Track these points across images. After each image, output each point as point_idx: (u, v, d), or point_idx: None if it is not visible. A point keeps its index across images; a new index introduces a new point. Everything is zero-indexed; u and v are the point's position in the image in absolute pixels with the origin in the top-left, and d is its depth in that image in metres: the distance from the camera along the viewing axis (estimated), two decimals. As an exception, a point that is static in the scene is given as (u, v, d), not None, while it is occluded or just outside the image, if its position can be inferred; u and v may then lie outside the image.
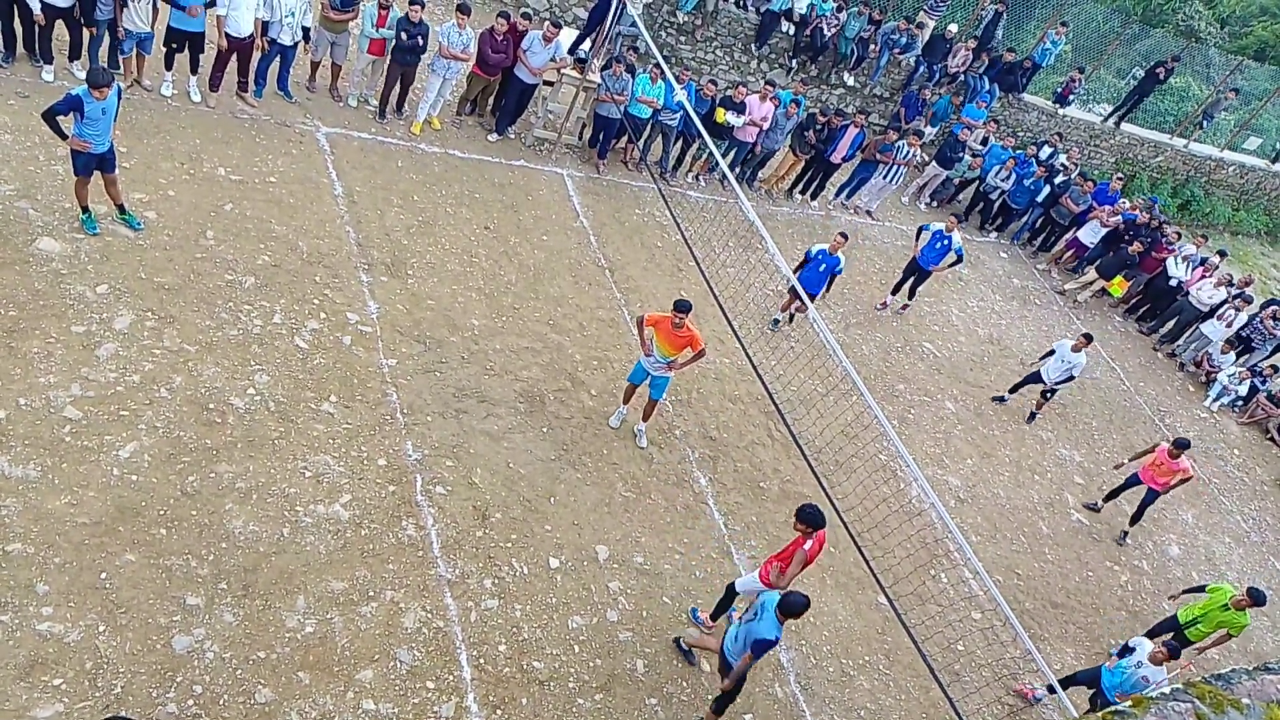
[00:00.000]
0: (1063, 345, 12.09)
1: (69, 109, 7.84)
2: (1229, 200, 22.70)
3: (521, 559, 7.90)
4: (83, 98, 7.83)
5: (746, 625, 6.66)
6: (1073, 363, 11.95)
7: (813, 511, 7.14)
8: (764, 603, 6.59)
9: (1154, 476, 11.22)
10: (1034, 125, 19.38)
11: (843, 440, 9.70)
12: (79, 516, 6.60)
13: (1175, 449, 11.01)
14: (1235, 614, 9.17)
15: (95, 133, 8.02)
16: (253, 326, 8.54)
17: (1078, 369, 12.06)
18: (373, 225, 10.26)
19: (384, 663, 6.75)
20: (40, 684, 5.77)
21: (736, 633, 6.81)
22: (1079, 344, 11.94)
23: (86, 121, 7.93)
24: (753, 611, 6.68)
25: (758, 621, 6.47)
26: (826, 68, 17.26)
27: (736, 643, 6.75)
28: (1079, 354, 11.92)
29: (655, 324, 8.65)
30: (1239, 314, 15.62)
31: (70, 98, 7.84)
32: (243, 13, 10.10)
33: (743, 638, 6.62)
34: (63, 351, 7.50)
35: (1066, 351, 11.97)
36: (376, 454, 8.06)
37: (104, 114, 8.00)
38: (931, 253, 12.97)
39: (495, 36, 11.52)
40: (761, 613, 6.52)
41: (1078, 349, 11.91)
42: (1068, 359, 11.96)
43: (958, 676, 8.87)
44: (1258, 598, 9.09)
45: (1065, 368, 12.02)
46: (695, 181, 14.22)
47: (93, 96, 7.84)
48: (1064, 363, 11.99)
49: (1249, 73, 22.66)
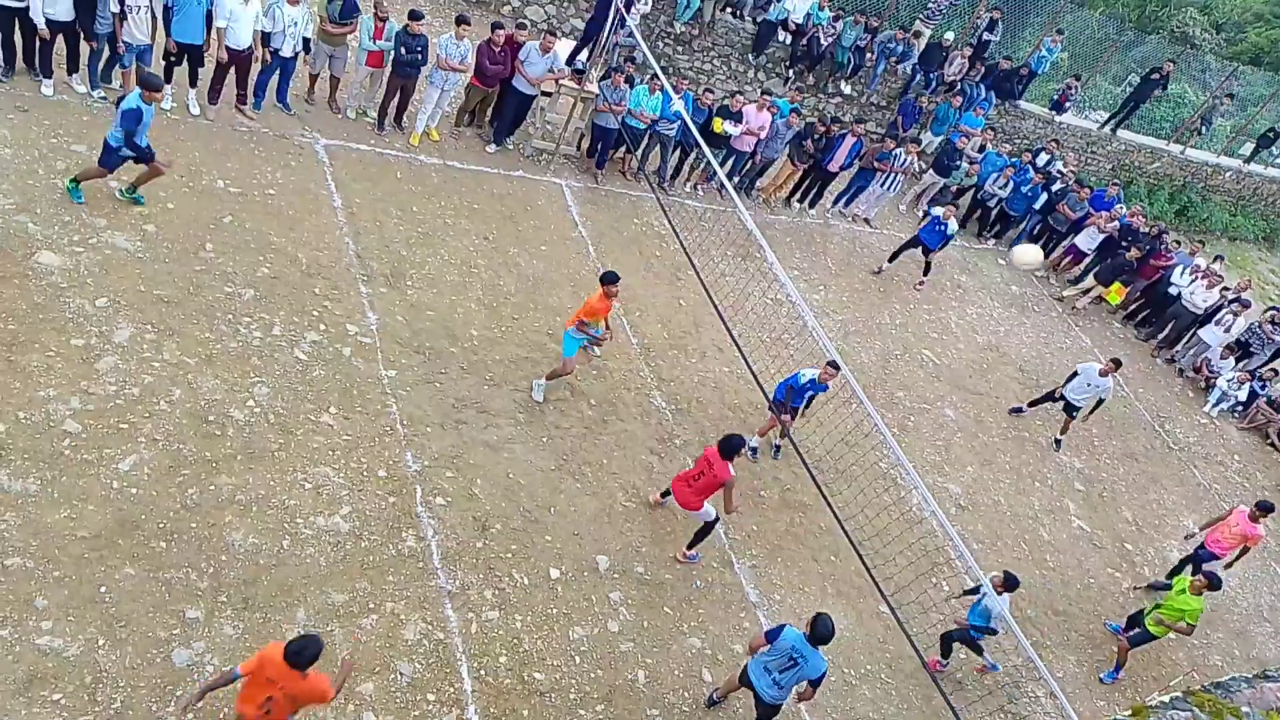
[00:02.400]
0: (1089, 369, 11.88)
1: (134, 123, 8.26)
2: (1226, 206, 22.74)
3: (522, 570, 7.89)
4: (140, 106, 8.22)
5: (790, 672, 6.76)
6: (1101, 386, 11.78)
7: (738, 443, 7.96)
8: (793, 646, 6.69)
9: (1218, 540, 10.84)
10: (1031, 132, 19.43)
11: (843, 448, 9.70)
12: (78, 530, 6.59)
13: (1259, 511, 10.58)
14: (1189, 598, 8.99)
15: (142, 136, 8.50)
16: (252, 339, 8.54)
17: (1106, 393, 11.91)
18: (372, 237, 10.27)
19: (385, 675, 6.73)
20: (40, 699, 5.75)
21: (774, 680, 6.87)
22: (1107, 369, 11.75)
23: (143, 127, 8.36)
24: (785, 657, 6.74)
25: (806, 665, 6.67)
26: (823, 77, 17.32)
27: (780, 689, 6.90)
28: (1106, 379, 11.74)
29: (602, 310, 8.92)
30: (1237, 319, 15.63)
31: (130, 112, 8.22)
32: (243, 25, 10.13)
33: (789, 684, 6.82)
34: (62, 365, 7.50)
35: (1094, 376, 11.78)
36: (376, 465, 8.05)
37: (150, 117, 8.47)
38: (930, 234, 13.78)
39: (493, 47, 11.55)
40: (802, 657, 6.68)
41: (1105, 374, 11.72)
42: (1094, 382, 11.78)
43: (960, 685, 8.86)
44: (1213, 581, 8.98)
45: (1093, 391, 11.85)
46: (693, 191, 14.24)
47: (144, 101, 8.25)
48: (1090, 386, 11.82)
49: (1245, 78, 22.74)
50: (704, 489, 8.13)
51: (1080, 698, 9.39)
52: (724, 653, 8.13)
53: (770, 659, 6.83)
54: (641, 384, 10.37)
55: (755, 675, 6.95)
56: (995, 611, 8.18)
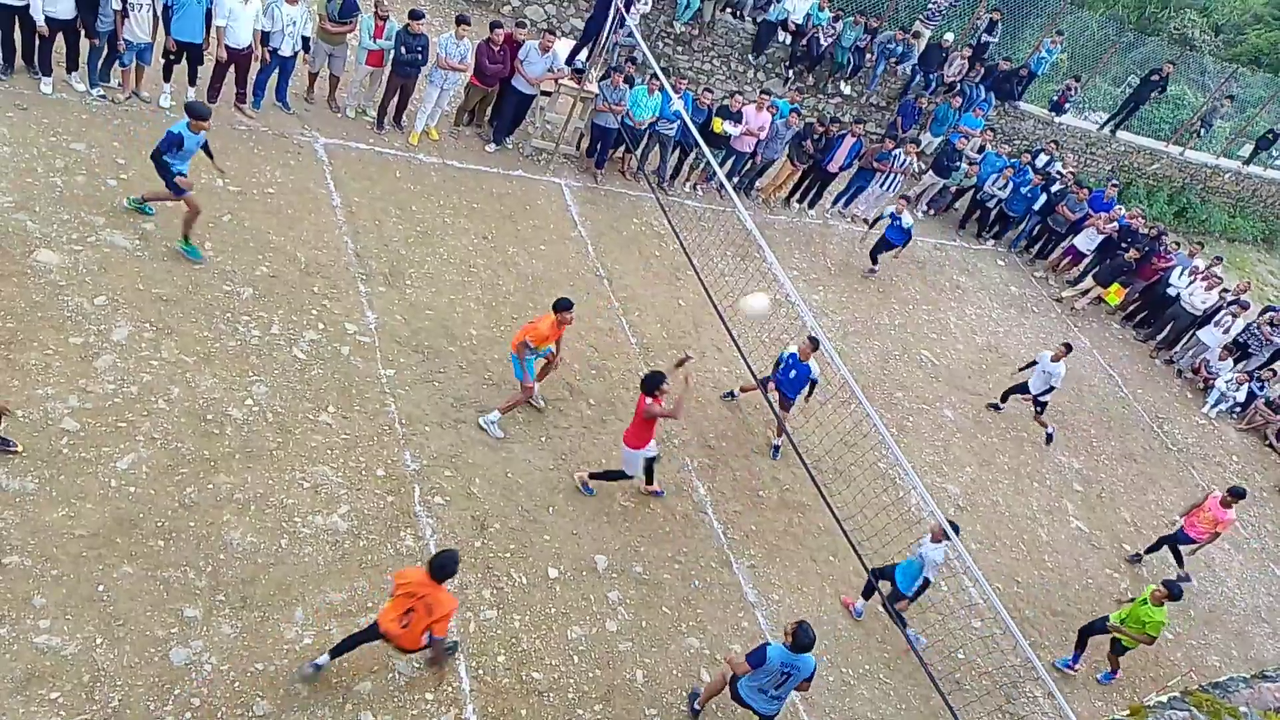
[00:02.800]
0: (1043, 356, 12.00)
1: (171, 146, 8.23)
2: (1225, 207, 22.76)
3: (520, 569, 7.89)
4: (183, 133, 8.23)
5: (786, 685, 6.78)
6: (1052, 372, 11.83)
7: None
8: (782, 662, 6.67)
9: (1194, 524, 10.97)
10: (1030, 133, 19.44)
11: (842, 449, 9.70)
12: (76, 528, 6.59)
13: (1231, 497, 10.77)
14: (1151, 609, 8.84)
15: (186, 164, 8.48)
16: (251, 337, 8.54)
17: (1058, 379, 11.92)
18: (371, 236, 10.27)
19: (383, 674, 6.72)
20: (38, 697, 5.74)
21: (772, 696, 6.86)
22: (1058, 354, 11.82)
23: (184, 154, 8.36)
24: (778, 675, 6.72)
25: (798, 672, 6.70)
26: (823, 77, 17.32)
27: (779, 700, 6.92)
28: (1058, 364, 11.79)
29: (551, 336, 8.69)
30: (1236, 320, 15.64)
31: (171, 135, 8.22)
32: (242, 24, 10.13)
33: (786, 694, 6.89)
34: (61, 363, 7.50)
35: (1046, 362, 11.87)
36: (375, 464, 8.05)
37: (196, 146, 8.47)
38: (894, 233, 13.73)
39: (492, 47, 11.56)
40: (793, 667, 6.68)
41: (1057, 359, 11.79)
42: (1047, 369, 11.86)
43: (958, 685, 8.85)
44: (1173, 591, 8.81)
45: (1046, 378, 11.91)
46: (693, 191, 14.25)
47: (191, 130, 8.27)
48: (1045, 373, 11.89)
49: (1244, 80, 22.76)
50: (639, 428, 8.26)
51: (1078, 698, 9.39)
52: (722, 652, 8.12)
53: (762, 681, 6.76)
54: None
55: (750, 698, 6.88)
56: (930, 560, 8.35)
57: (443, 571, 5.94)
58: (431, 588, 5.95)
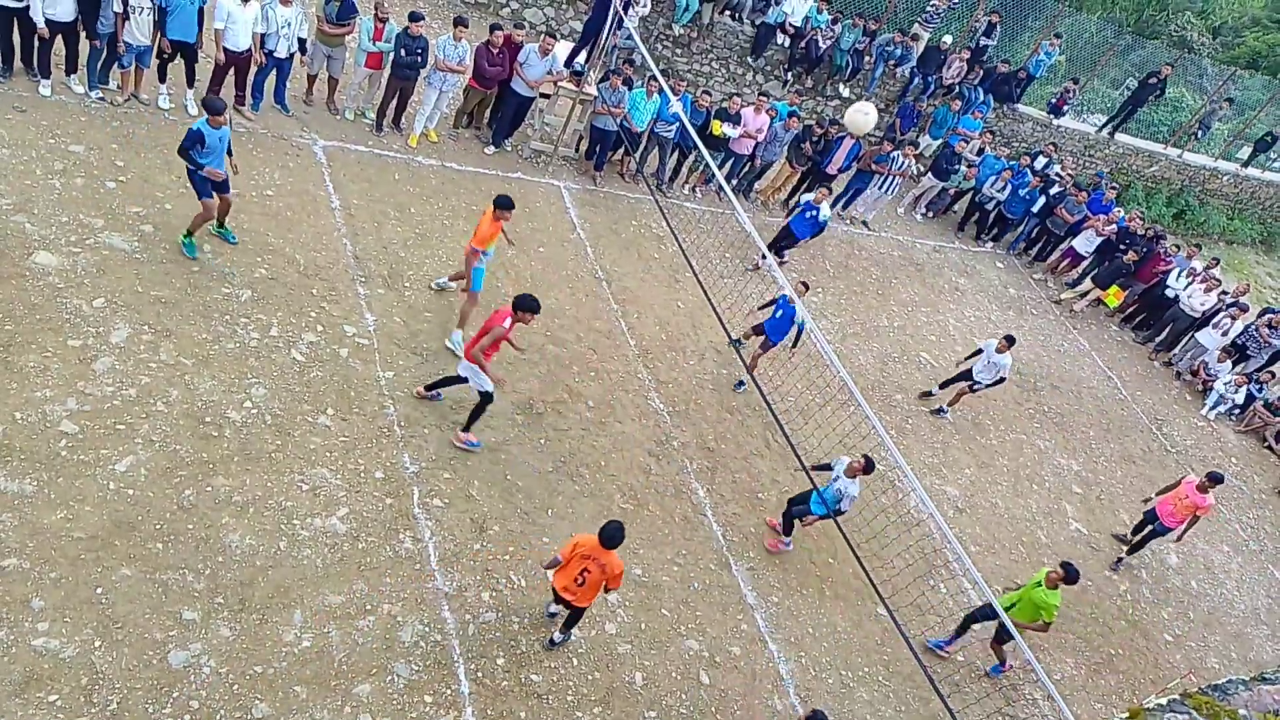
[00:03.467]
0: (989, 345, 11.79)
1: (193, 142, 8.25)
2: (1223, 210, 22.79)
3: (519, 571, 7.88)
4: (203, 129, 8.24)
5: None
6: (998, 364, 11.63)
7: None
8: None
9: (1171, 512, 10.93)
10: (1029, 136, 19.46)
11: (841, 450, 9.69)
12: (75, 531, 6.58)
13: (1208, 482, 10.76)
14: (1045, 592, 8.40)
15: (215, 160, 8.46)
16: (249, 340, 8.53)
17: (1005, 370, 11.70)
18: (370, 238, 10.27)
19: (381, 676, 6.72)
20: (36, 700, 5.73)
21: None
22: (1002, 346, 11.56)
23: (207, 151, 8.35)
24: None
25: None
26: (822, 79, 17.33)
27: None
28: (1003, 355, 11.57)
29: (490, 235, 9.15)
30: (1234, 322, 15.66)
31: (192, 132, 8.25)
32: (241, 27, 10.14)
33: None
34: (59, 365, 7.49)
35: (992, 352, 11.67)
36: (374, 466, 8.04)
37: (220, 141, 8.45)
38: (801, 222, 12.79)
39: (491, 49, 11.56)
40: None
41: (1001, 350, 11.56)
42: (993, 359, 11.67)
43: (958, 688, 8.85)
44: (1069, 573, 8.38)
45: (994, 370, 11.72)
46: (692, 193, 14.25)
47: (210, 125, 8.28)
48: (991, 364, 11.71)
49: (1242, 83, 22.79)
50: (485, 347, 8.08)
51: (1077, 700, 9.39)
52: (721, 655, 8.12)
53: None
54: (639, 386, 10.36)
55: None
56: (848, 494, 8.69)
57: (612, 541, 6.75)
58: (603, 554, 6.82)
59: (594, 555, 6.82)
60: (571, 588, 6.95)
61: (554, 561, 7.10)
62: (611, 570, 6.85)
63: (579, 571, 6.88)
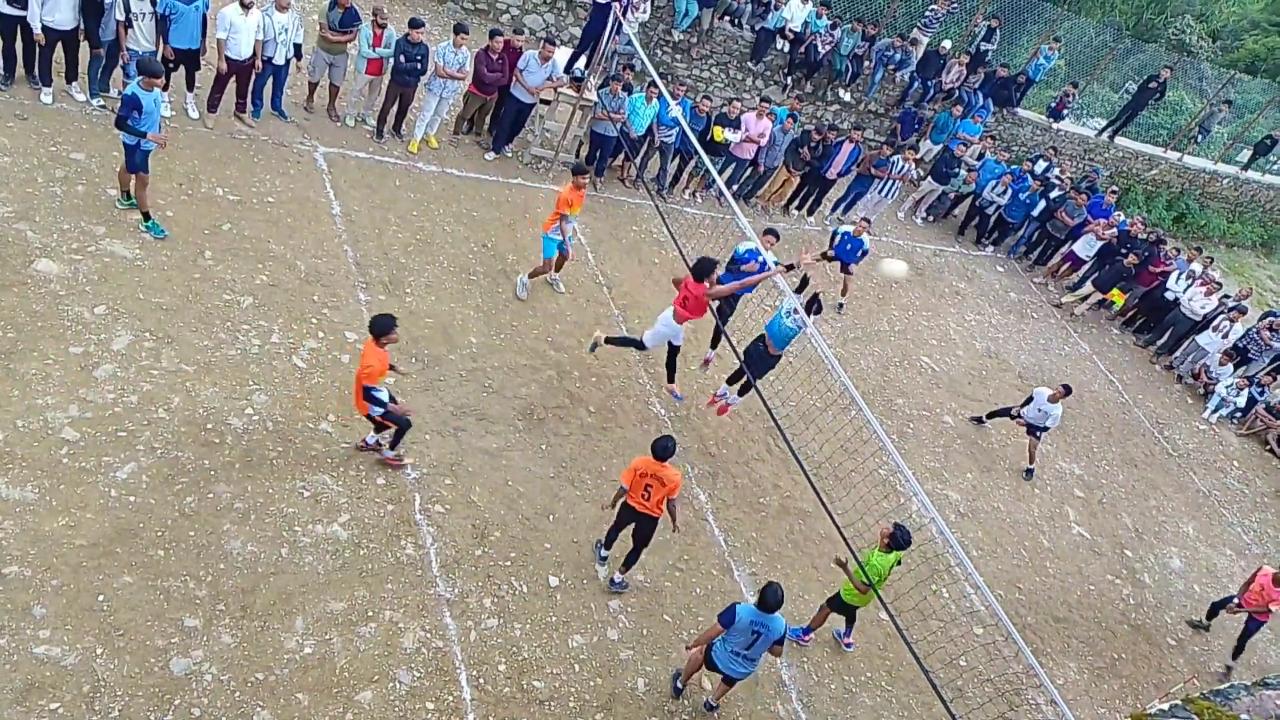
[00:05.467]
0: (1040, 394, 11.71)
1: (130, 109, 8.21)
2: (1223, 213, 22.80)
3: (521, 577, 7.87)
4: (138, 93, 8.19)
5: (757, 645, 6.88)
6: (1049, 412, 11.60)
7: None
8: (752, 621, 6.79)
9: (1258, 603, 10.45)
10: (1028, 139, 19.48)
11: (842, 455, 9.69)
12: (76, 538, 6.58)
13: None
14: (877, 554, 7.82)
15: (151, 124, 8.42)
16: (251, 346, 8.54)
17: (1055, 421, 11.68)
18: (370, 244, 10.28)
19: (383, 684, 6.71)
20: (37, 708, 5.73)
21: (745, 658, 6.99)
22: (1056, 395, 11.51)
23: (144, 116, 8.30)
24: (748, 634, 6.84)
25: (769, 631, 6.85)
26: (822, 84, 17.36)
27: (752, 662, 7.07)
28: (1055, 405, 11.52)
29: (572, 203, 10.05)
30: (1235, 325, 15.66)
31: (126, 97, 8.21)
32: (244, 36, 10.16)
33: (758, 655, 7.01)
34: (60, 373, 7.50)
35: (1044, 401, 11.62)
36: (375, 473, 8.04)
37: (156, 105, 8.42)
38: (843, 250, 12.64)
39: (490, 55, 11.58)
40: (764, 625, 6.81)
41: (1055, 400, 11.51)
42: (1044, 408, 11.62)
43: (960, 692, 8.82)
44: (899, 536, 7.78)
45: (1045, 418, 11.69)
46: (692, 198, 14.27)
47: (144, 88, 8.22)
48: (1041, 412, 11.68)
49: (1241, 86, 22.81)
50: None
51: (1081, 705, 9.37)
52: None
53: (734, 642, 6.94)
54: (641, 391, 10.36)
55: (725, 662, 7.07)
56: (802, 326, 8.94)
57: (665, 452, 7.40)
58: (659, 467, 7.45)
59: (653, 471, 7.47)
60: (641, 503, 7.63)
61: (620, 491, 7.73)
62: (671, 480, 7.48)
63: (643, 488, 7.56)
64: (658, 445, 7.45)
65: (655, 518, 7.79)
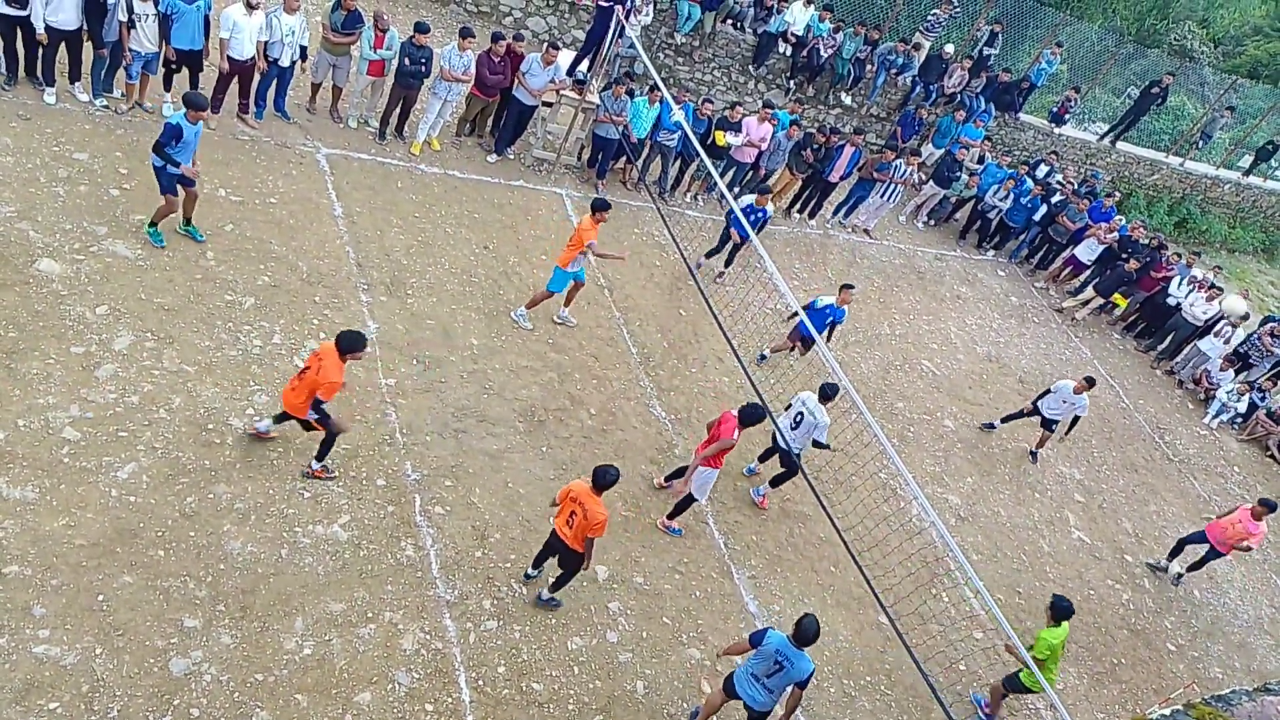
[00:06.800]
0: (1063, 386, 11.76)
1: (171, 138, 8.29)
2: (1225, 218, 22.81)
3: (521, 579, 7.87)
4: (181, 124, 8.31)
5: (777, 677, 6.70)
6: (1075, 403, 11.66)
7: None
8: (778, 649, 6.64)
9: (1221, 538, 10.96)
10: (1030, 144, 19.49)
11: (842, 458, 9.69)
12: (77, 538, 6.58)
13: (1261, 508, 10.81)
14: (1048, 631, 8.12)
15: (186, 156, 8.50)
16: (252, 347, 8.54)
17: (1081, 409, 11.76)
18: (372, 245, 10.29)
19: (382, 685, 6.71)
20: (36, 707, 5.73)
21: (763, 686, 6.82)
22: (1080, 386, 11.58)
23: (182, 146, 8.39)
24: (771, 662, 6.69)
25: (792, 668, 6.60)
26: (824, 88, 17.37)
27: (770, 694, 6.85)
28: (1081, 395, 11.58)
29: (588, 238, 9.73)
30: (1236, 330, 15.66)
31: (170, 126, 8.30)
32: (246, 36, 10.18)
33: (777, 688, 6.78)
34: (62, 372, 7.51)
35: (1069, 393, 11.65)
36: (375, 474, 8.04)
37: (195, 138, 8.51)
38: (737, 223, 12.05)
39: (493, 58, 11.60)
40: (787, 660, 6.62)
41: (1079, 391, 11.57)
42: (1069, 399, 11.66)
43: (960, 697, 8.83)
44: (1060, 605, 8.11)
45: (1068, 409, 11.74)
46: (693, 201, 14.28)
47: (189, 120, 8.35)
48: (1064, 403, 11.71)
49: (1243, 91, 22.84)
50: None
51: (1080, 710, 9.36)
52: (723, 663, 8.09)
53: (756, 666, 6.80)
54: (641, 393, 10.37)
55: (742, 686, 6.91)
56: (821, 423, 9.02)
57: (603, 481, 6.95)
58: (590, 497, 6.97)
59: (581, 499, 7.01)
60: (563, 529, 7.21)
61: (553, 503, 7.41)
62: (594, 516, 6.93)
63: (568, 514, 7.15)
64: (598, 472, 6.97)
65: (576, 551, 7.22)
